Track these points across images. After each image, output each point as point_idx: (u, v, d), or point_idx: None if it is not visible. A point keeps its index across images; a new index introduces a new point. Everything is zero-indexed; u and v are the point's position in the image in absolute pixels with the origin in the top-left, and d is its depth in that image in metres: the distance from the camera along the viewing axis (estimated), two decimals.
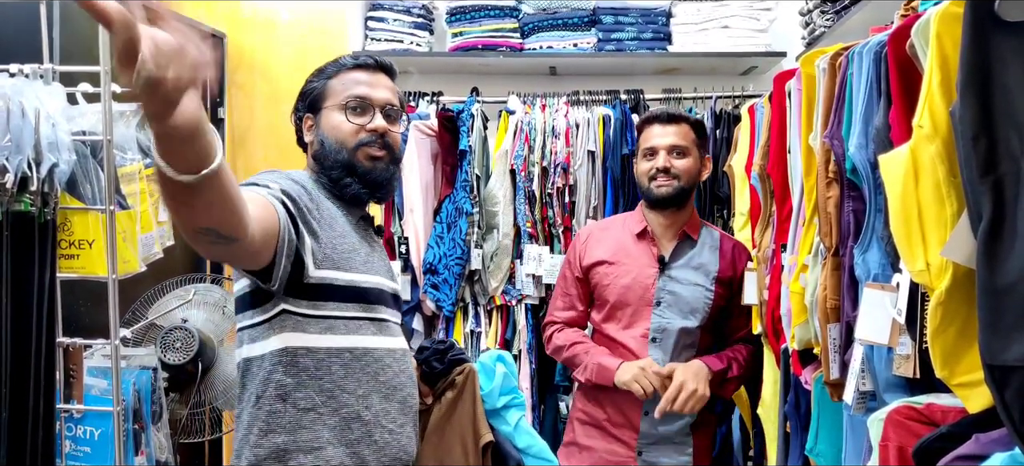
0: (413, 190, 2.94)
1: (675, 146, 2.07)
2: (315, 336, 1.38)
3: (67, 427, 1.71)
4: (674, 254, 2.12)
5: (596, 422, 2.15)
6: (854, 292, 1.39)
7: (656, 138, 2.08)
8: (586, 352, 2.13)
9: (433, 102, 3.17)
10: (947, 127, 1.01)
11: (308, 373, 1.37)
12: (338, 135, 1.46)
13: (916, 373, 1.21)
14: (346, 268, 1.41)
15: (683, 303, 2.08)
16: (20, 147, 1.37)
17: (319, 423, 1.37)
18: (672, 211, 2.13)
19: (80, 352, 1.68)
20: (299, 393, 1.36)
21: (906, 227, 1.08)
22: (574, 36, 3.22)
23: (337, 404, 1.39)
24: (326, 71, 1.52)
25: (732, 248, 2.17)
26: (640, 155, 2.13)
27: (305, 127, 1.52)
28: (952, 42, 1.01)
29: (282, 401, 1.36)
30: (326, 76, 1.51)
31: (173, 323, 2.31)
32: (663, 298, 2.08)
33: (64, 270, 1.66)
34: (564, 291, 2.26)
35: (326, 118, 1.48)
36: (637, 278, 2.11)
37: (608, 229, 2.24)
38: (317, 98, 1.50)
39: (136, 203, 1.78)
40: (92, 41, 1.81)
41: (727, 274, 2.13)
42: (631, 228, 2.16)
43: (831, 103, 1.45)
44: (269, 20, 3.22)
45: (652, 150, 2.08)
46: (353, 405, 1.40)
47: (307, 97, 1.51)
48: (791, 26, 3.06)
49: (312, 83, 1.52)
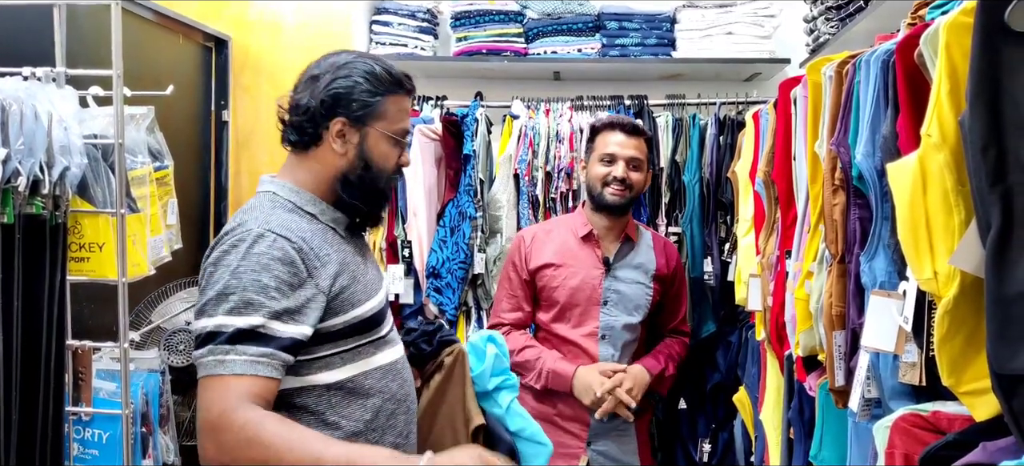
0: (416, 194, 2.95)
1: (634, 159, 2.15)
2: (309, 376, 1.35)
3: (75, 430, 1.72)
4: (617, 255, 2.24)
5: (547, 417, 2.24)
6: (860, 299, 1.40)
7: (617, 147, 2.15)
8: (538, 358, 2.25)
9: (437, 106, 3.18)
10: (955, 136, 1.02)
11: (306, 409, 1.35)
12: (385, 165, 1.40)
13: (922, 381, 1.22)
14: (347, 309, 1.36)
15: (627, 301, 2.20)
16: (33, 150, 1.38)
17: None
18: (617, 216, 2.25)
19: (89, 354, 1.68)
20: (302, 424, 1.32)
21: (914, 235, 1.09)
22: (578, 41, 3.23)
23: (342, 434, 1.36)
24: (383, 83, 1.38)
25: (664, 246, 2.33)
26: (596, 158, 2.18)
27: (334, 130, 1.36)
28: (961, 51, 1.01)
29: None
30: (383, 91, 1.38)
31: (177, 326, 2.32)
32: (609, 297, 2.20)
33: (74, 273, 1.67)
34: (510, 293, 2.35)
35: (375, 140, 1.38)
36: (585, 279, 2.23)
37: (551, 232, 2.33)
38: (368, 113, 1.37)
39: (146, 206, 1.79)
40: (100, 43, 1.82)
41: (663, 271, 2.27)
42: (575, 231, 2.26)
43: (838, 111, 1.45)
44: (274, 23, 3.23)
45: (612, 157, 2.15)
46: (358, 430, 1.38)
47: (353, 105, 1.36)
48: (795, 33, 3.06)
49: (364, 90, 1.36)
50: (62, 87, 1.63)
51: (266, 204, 1.36)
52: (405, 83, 1.42)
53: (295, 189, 1.39)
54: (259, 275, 1.25)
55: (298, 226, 1.33)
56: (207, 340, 1.24)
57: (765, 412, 2.10)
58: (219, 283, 1.25)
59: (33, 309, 1.46)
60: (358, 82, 1.36)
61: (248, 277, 1.25)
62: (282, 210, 1.35)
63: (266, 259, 1.26)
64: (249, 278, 1.25)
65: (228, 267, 1.26)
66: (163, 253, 1.90)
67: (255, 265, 1.26)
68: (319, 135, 1.37)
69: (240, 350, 1.23)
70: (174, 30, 2.81)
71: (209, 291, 1.26)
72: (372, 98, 1.36)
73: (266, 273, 1.26)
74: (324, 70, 1.38)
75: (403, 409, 1.46)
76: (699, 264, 3.01)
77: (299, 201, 1.38)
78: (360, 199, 1.41)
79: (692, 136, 3.00)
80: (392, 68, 1.41)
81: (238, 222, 1.33)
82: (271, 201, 1.37)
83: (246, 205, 1.39)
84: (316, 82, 1.37)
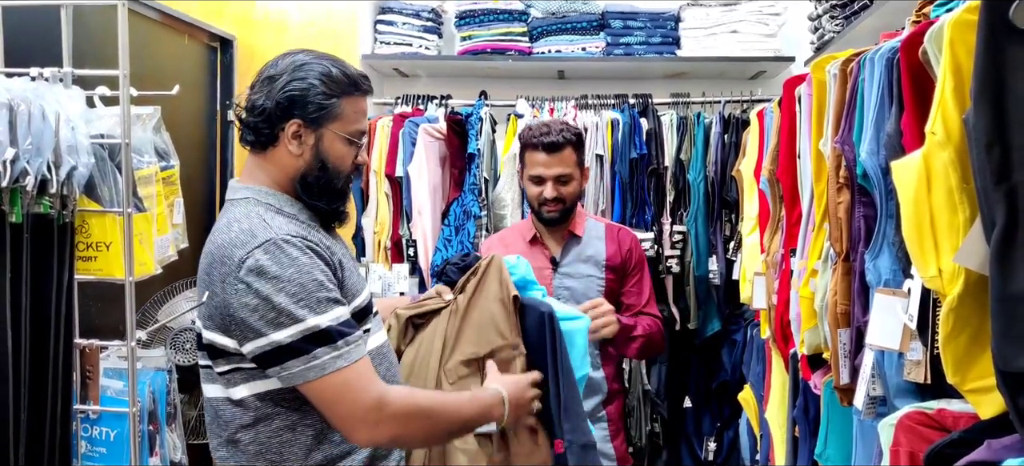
0: (421, 193, 2.95)
1: (561, 175, 2.16)
2: None
3: (83, 428, 1.73)
4: (563, 252, 2.25)
5: None
6: (864, 297, 1.40)
7: (542, 168, 2.16)
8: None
9: (442, 105, 3.18)
10: (960, 134, 1.02)
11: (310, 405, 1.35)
12: (341, 166, 1.42)
13: (927, 379, 1.22)
14: (350, 299, 1.39)
15: (578, 295, 2.19)
16: (40, 150, 1.39)
17: (327, 442, 1.37)
18: (558, 225, 2.25)
19: (97, 353, 1.69)
20: (306, 421, 1.36)
21: (918, 233, 1.09)
22: (583, 40, 3.23)
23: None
24: (338, 85, 1.39)
25: (617, 233, 2.30)
26: (526, 174, 2.21)
27: (289, 132, 1.37)
28: (965, 49, 1.01)
29: (291, 430, 1.36)
30: (339, 93, 1.39)
31: (183, 325, 2.33)
32: (561, 294, 2.19)
33: (81, 272, 1.68)
34: None
35: (331, 142, 1.39)
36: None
37: (505, 239, 2.35)
38: (323, 115, 1.38)
39: (152, 206, 1.80)
40: (106, 44, 1.83)
41: (616, 260, 2.25)
42: (524, 235, 2.28)
43: (842, 108, 1.45)
44: (280, 23, 3.24)
45: (539, 178, 2.17)
46: None
47: (308, 106, 1.36)
48: (800, 31, 3.06)
49: (319, 92, 1.37)
50: (69, 87, 1.64)
51: (254, 212, 1.36)
52: (361, 84, 1.43)
53: (272, 192, 1.40)
54: (312, 274, 1.29)
55: (296, 228, 1.35)
56: (305, 344, 1.26)
57: (770, 410, 2.10)
58: (280, 294, 1.26)
59: (41, 308, 1.47)
60: (313, 84, 1.36)
61: (305, 278, 1.29)
62: (270, 214, 1.36)
63: (303, 259, 1.30)
64: (306, 279, 1.29)
65: (277, 277, 1.27)
66: (169, 252, 1.91)
67: (301, 267, 1.29)
68: (275, 136, 1.38)
69: (345, 340, 1.30)
70: (179, 30, 2.81)
71: (274, 301, 1.26)
72: (328, 100, 1.37)
73: (315, 270, 1.30)
74: (280, 71, 1.38)
75: None
76: (704, 262, 3.01)
77: (277, 203, 1.39)
78: (319, 198, 1.42)
79: (697, 135, 3.00)
80: (348, 69, 1.42)
81: (245, 231, 1.32)
82: (256, 207, 1.37)
83: (231, 215, 1.37)
84: (272, 83, 1.37)
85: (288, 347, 1.26)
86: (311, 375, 1.27)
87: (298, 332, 1.26)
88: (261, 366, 1.30)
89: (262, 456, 1.35)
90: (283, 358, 1.27)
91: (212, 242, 1.36)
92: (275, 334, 1.26)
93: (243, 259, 1.28)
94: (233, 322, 1.29)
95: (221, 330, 1.31)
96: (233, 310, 1.28)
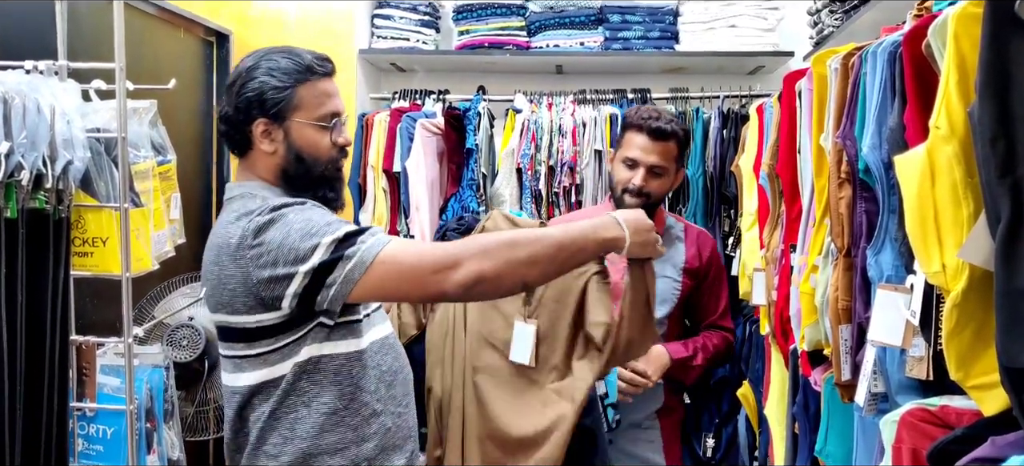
0: (419, 188, 2.94)
1: (656, 166, 2.06)
2: (336, 343, 1.40)
3: (80, 425, 1.72)
4: None
5: None
6: (866, 293, 1.39)
7: (640, 152, 2.06)
8: None
9: (439, 100, 3.17)
10: (964, 128, 1.01)
11: (329, 379, 1.39)
12: (316, 152, 1.42)
13: (930, 375, 1.21)
14: None
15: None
16: (35, 144, 1.38)
17: (342, 425, 1.39)
18: None
19: (93, 350, 1.68)
20: (323, 398, 1.38)
21: (922, 228, 1.08)
22: (581, 35, 3.22)
23: (357, 404, 1.41)
24: (289, 75, 1.39)
25: (697, 237, 2.22)
26: (619, 156, 2.10)
27: (258, 132, 1.39)
28: (970, 42, 1.01)
29: (306, 407, 1.38)
30: (292, 82, 1.39)
31: (180, 321, 2.32)
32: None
33: (78, 268, 1.67)
34: None
35: (299, 132, 1.40)
36: None
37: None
38: (283, 107, 1.38)
39: (149, 201, 1.79)
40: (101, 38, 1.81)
41: (694, 264, 2.17)
42: None
43: (843, 103, 1.45)
44: (276, 18, 3.22)
45: (633, 162, 2.06)
46: (368, 402, 1.43)
47: (266, 104, 1.38)
48: (799, 25, 3.06)
49: (272, 87, 1.38)
50: (64, 80, 1.63)
51: (250, 198, 1.38)
52: (316, 67, 1.42)
53: (265, 186, 1.42)
54: (312, 214, 1.32)
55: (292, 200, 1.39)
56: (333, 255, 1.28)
57: (770, 407, 2.09)
58: (291, 235, 1.29)
59: (37, 304, 1.46)
60: (264, 81, 1.38)
61: (307, 216, 1.31)
62: (263, 201, 1.38)
63: (302, 210, 1.33)
64: (308, 216, 1.32)
65: (283, 224, 1.30)
66: (166, 247, 1.90)
67: (302, 212, 1.32)
68: (248, 139, 1.41)
69: (370, 233, 1.32)
70: (175, 24, 2.80)
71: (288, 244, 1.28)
72: (282, 93, 1.38)
73: (314, 211, 1.34)
74: (236, 77, 1.42)
75: (400, 380, 1.50)
76: None
77: (271, 195, 1.41)
78: (304, 190, 1.43)
79: (695, 130, 2.99)
80: (300, 56, 1.41)
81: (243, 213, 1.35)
82: (252, 199, 1.39)
83: (230, 208, 1.40)
84: (231, 90, 1.41)
85: (323, 265, 1.28)
86: (356, 273, 1.28)
87: (323, 249, 1.28)
88: (309, 305, 1.31)
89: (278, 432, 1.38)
90: (322, 278, 1.29)
91: (215, 235, 1.39)
92: (304, 265, 1.28)
93: (246, 228, 1.32)
94: (262, 287, 1.31)
95: (248, 309, 1.33)
96: (257, 277, 1.30)
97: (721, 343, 2.15)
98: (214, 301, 1.39)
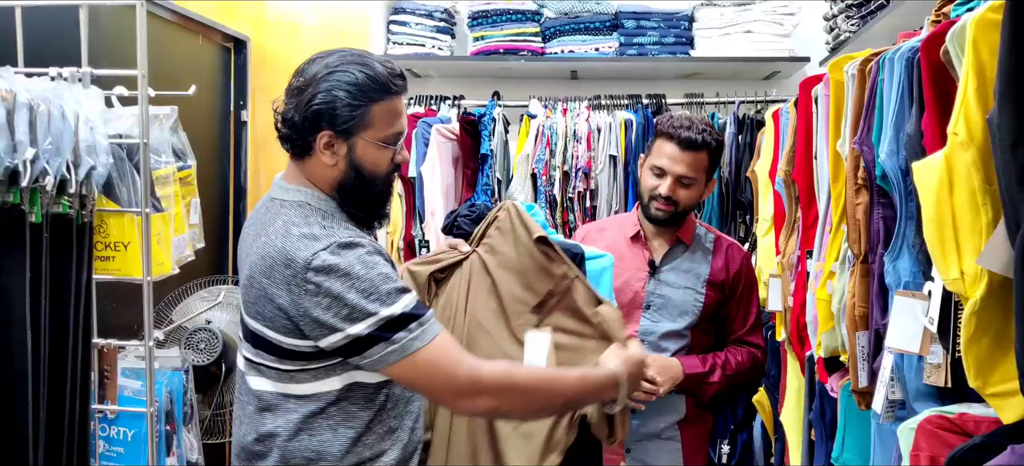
0: (434, 194, 2.96)
1: (684, 176, 2.02)
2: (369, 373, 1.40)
3: (101, 427, 1.74)
4: (665, 258, 2.10)
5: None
6: (883, 300, 1.38)
7: (668, 161, 2.01)
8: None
9: (454, 106, 3.19)
10: (983, 135, 1.01)
11: (358, 405, 1.40)
12: (377, 170, 1.39)
13: (948, 382, 1.21)
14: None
15: (673, 306, 2.06)
16: (60, 150, 1.40)
17: (361, 444, 1.40)
18: (664, 227, 2.12)
19: (115, 353, 1.70)
20: (350, 422, 1.39)
21: (940, 235, 1.08)
22: (596, 40, 3.22)
23: (379, 424, 1.42)
24: (365, 93, 1.34)
25: (726, 248, 2.15)
26: (648, 163, 2.07)
27: (321, 143, 1.35)
28: (988, 49, 1.00)
29: (332, 431, 1.38)
30: (367, 101, 1.34)
31: (198, 325, 2.34)
32: (652, 301, 2.07)
33: (100, 272, 1.69)
34: None
35: (364, 150, 1.36)
36: (628, 281, 2.08)
37: (604, 230, 2.21)
38: (353, 125, 1.34)
39: (170, 206, 1.81)
40: (122, 44, 1.84)
41: (720, 277, 2.10)
42: (626, 231, 2.14)
43: (861, 109, 1.44)
44: (293, 23, 3.25)
45: (661, 171, 2.03)
46: (386, 420, 1.43)
47: (337, 119, 1.33)
48: (815, 31, 3.05)
49: (346, 103, 1.33)
50: (88, 87, 1.66)
51: (313, 218, 1.37)
52: (392, 86, 1.37)
53: (322, 197, 1.40)
54: (377, 268, 1.32)
55: (354, 232, 1.39)
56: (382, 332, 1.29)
57: (785, 413, 2.09)
58: (351, 291, 1.29)
59: (60, 307, 1.48)
60: (338, 96, 1.32)
61: (372, 274, 1.31)
62: (327, 220, 1.37)
63: (368, 258, 1.32)
64: (373, 274, 1.31)
65: (347, 275, 1.29)
66: (186, 252, 1.93)
67: (367, 263, 1.31)
68: (309, 147, 1.37)
69: (418, 322, 1.32)
70: (194, 30, 2.83)
71: (346, 299, 1.29)
72: (356, 110, 1.33)
73: (379, 265, 1.33)
74: (307, 81, 1.35)
75: (416, 397, 1.51)
76: None
77: (328, 209, 1.40)
78: (358, 206, 1.42)
79: None
80: (377, 72, 1.36)
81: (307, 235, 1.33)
82: (313, 214, 1.38)
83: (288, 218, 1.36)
84: (300, 95, 1.35)
85: (367, 337, 1.29)
86: (392, 358, 1.30)
87: (374, 323, 1.29)
88: (343, 356, 1.33)
89: (300, 453, 1.38)
90: (363, 347, 1.30)
91: (271, 245, 1.34)
92: (351, 328, 1.29)
93: (309, 261, 1.29)
94: (305, 321, 1.31)
95: (286, 331, 1.33)
96: (304, 310, 1.30)
97: (746, 359, 2.09)
98: (254, 309, 1.36)
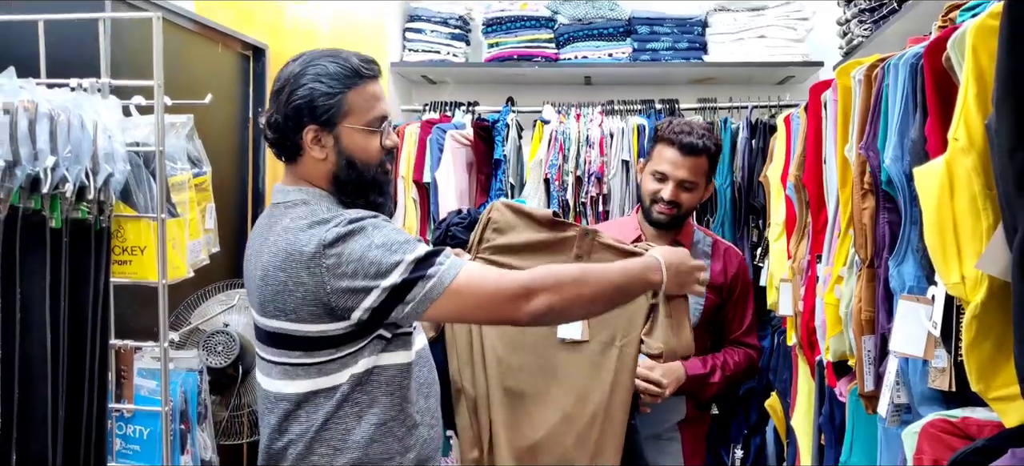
0: (449, 199, 2.98)
1: (686, 181, 2.05)
2: (392, 354, 1.42)
3: (118, 426, 1.78)
4: None
5: None
6: (889, 304, 1.39)
7: (670, 166, 2.05)
8: None
9: (469, 112, 3.21)
10: (983, 140, 1.01)
11: (381, 390, 1.40)
12: (367, 156, 1.41)
13: (952, 386, 1.21)
14: None
15: None
16: (79, 157, 1.44)
17: (389, 436, 1.41)
18: (665, 230, 2.15)
19: (131, 354, 1.75)
20: (374, 409, 1.40)
21: (941, 239, 1.08)
22: (609, 46, 3.24)
23: (403, 416, 1.43)
24: (338, 80, 1.37)
25: (724, 252, 2.19)
26: (649, 169, 2.10)
27: (308, 139, 1.38)
28: (988, 55, 1.01)
29: (358, 419, 1.39)
30: (342, 88, 1.37)
31: (215, 327, 2.38)
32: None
33: (117, 275, 1.74)
34: None
35: (350, 137, 1.39)
36: None
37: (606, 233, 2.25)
38: (333, 113, 1.37)
39: (185, 211, 1.85)
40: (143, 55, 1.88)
41: (719, 280, 2.14)
42: (626, 234, 2.16)
43: (867, 114, 1.45)
44: (310, 31, 3.29)
45: (663, 175, 2.06)
46: (411, 413, 1.45)
47: (316, 111, 1.36)
48: (828, 35, 3.04)
49: (322, 94, 1.36)
50: (106, 97, 1.70)
51: (317, 208, 1.39)
52: (363, 70, 1.40)
53: (322, 193, 1.43)
54: (387, 230, 1.35)
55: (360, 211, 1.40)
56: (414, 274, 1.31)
57: (796, 418, 2.08)
58: (371, 250, 1.31)
59: (79, 309, 1.52)
60: (315, 88, 1.36)
61: (387, 230, 1.34)
62: (327, 209, 1.39)
63: (378, 222, 1.36)
64: (388, 230, 1.34)
65: (362, 237, 1.32)
66: (201, 256, 1.96)
67: (378, 226, 1.34)
68: (298, 147, 1.40)
69: (445, 255, 1.34)
70: (213, 39, 2.88)
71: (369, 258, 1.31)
72: (333, 98, 1.37)
73: (390, 227, 1.36)
74: (283, 83, 1.39)
75: (433, 392, 1.53)
76: None
77: (329, 202, 1.42)
78: (356, 195, 1.43)
79: (723, 140, 2.98)
80: (346, 60, 1.39)
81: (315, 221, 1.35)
82: (317, 206, 1.40)
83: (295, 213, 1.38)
84: (279, 97, 1.39)
85: (402, 284, 1.31)
86: (435, 293, 1.31)
87: (405, 268, 1.31)
88: (383, 317, 1.33)
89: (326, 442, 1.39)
90: (402, 294, 1.31)
91: (282, 239, 1.36)
92: (384, 281, 1.31)
93: (323, 240, 1.32)
94: (335, 296, 1.31)
95: (314, 318, 1.34)
96: (332, 286, 1.31)
97: (743, 360, 2.14)
98: (273, 307, 1.36)
